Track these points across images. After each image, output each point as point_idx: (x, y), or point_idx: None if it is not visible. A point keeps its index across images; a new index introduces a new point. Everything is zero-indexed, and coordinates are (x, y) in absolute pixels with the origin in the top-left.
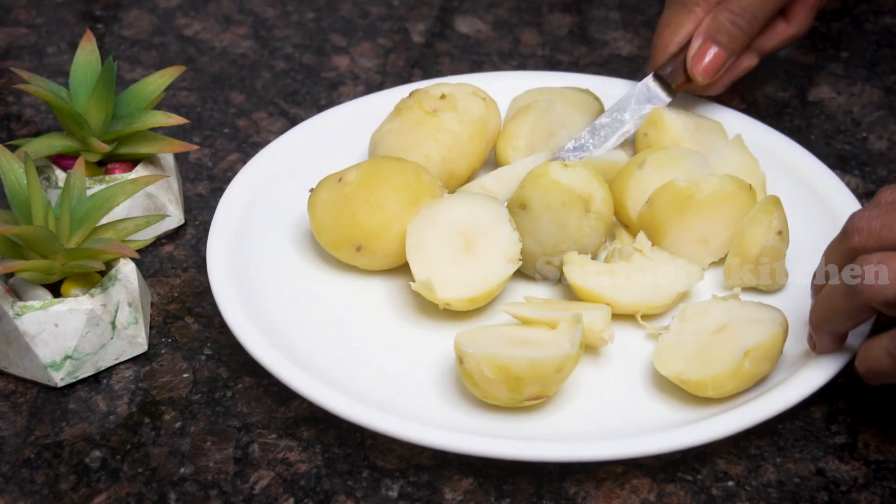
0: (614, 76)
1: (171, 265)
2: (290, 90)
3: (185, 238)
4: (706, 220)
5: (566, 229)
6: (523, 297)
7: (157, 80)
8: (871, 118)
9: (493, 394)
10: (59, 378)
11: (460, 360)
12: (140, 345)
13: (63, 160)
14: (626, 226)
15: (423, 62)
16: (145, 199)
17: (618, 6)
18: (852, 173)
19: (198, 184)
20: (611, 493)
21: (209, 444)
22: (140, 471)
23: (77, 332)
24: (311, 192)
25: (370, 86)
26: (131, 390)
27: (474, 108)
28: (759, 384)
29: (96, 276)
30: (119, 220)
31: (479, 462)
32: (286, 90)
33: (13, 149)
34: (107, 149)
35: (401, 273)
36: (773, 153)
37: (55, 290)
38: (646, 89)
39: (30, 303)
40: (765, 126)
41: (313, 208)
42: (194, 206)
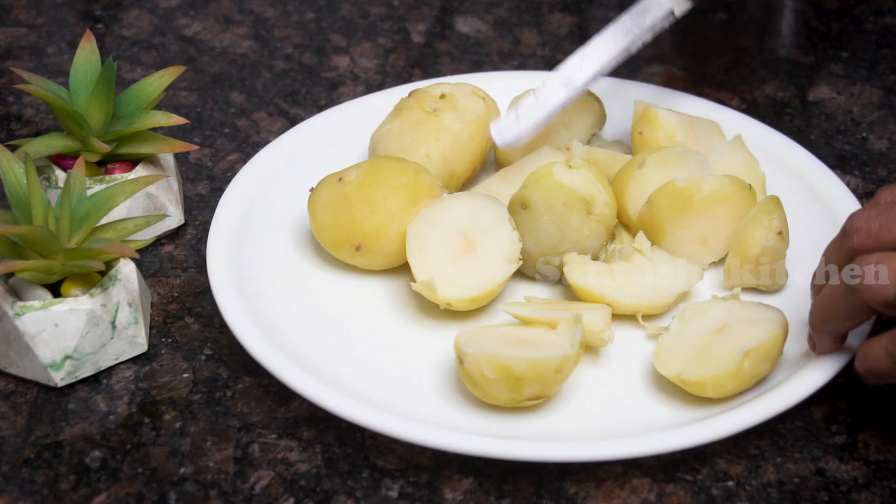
0: (614, 76)
1: (171, 265)
2: (290, 90)
3: (185, 238)
4: (706, 221)
5: (566, 230)
6: (523, 297)
7: (157, 80)
8: (871, 118)
9: (493, 394)
10: (59, 378)
11: (460, 361)
12: (140, 345)
13: (63, 160)
14: (626, 226)
15: (423, 62)
16: (145, 199)
17: (618, 6)
18: (852, 173)
19: (198, 184)
20: (611, 493)
21: (209, 444)
22: (140, 471)
23: (77, 332)
24: (312, 191)
25: (370, 86)
26: (131, 390)
27: (474, 108)
28: (759, 384)
29: (96, 276)
30: (119, 220)
31: (479, 462)
32: (286, 90)
33: (13, 149)
34: (107, 149)
35: (401, 273)
36: (773, 153)
37: (55, 290)
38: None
39: (30, 303)
40: (765, 126)
41: (313, 208)
42: (194, 206)
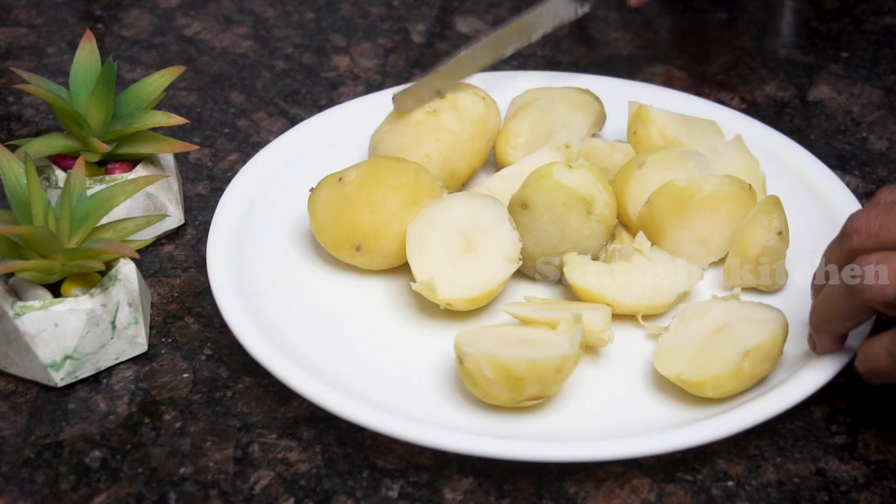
0: (614, 76)
1: (171, 265)
2: (290, 90)
3: (185, 238)
4: (706, 221)
5: (566, 230)
6: (524, 297)
7: (157, 80)
8: (871, 118)
9: (493, 394)
10: (59, 378)
11: (460, 361)
12: (140, 345)
13: (63, 160)
14: (626, 226)
15: (423, 62)
16: (145, 199)
17: (617, 6)
18: (852, 173)
19: (198, 184)
20: (611, 493)
21: (209, 444)
22: (140, 471)
23: (77, 332)
24: (311, 191)
25: (370, 86)
26: (131, 390)
27: (474, 108)
28: (759, 384)
29: (96, 276)
30: (119, 220)
31: (479, 462)
32: (286, 90)
33: (13, 149)
34: (107, 149)
35: (400, 273)
36: (773, 153)
37: (55, 290)
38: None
39: (30, 303)
40: (765, 126)
41: (313, 208)
42: (194, 206)
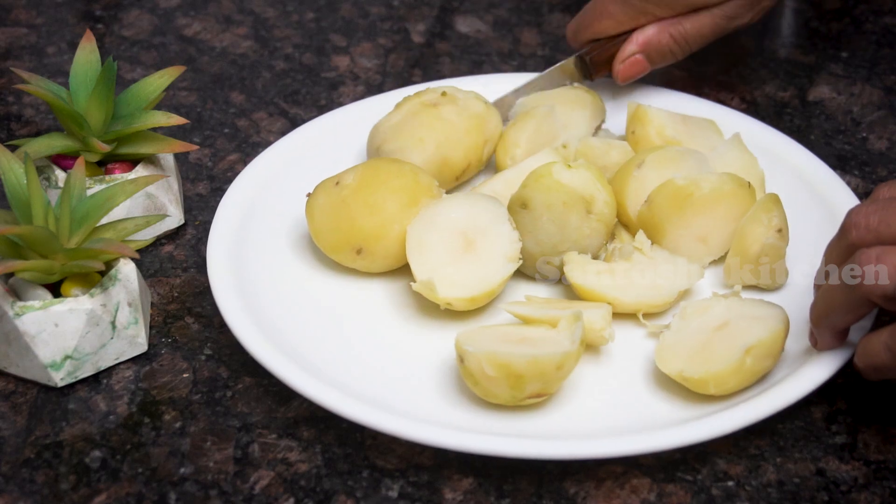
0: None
1: (171, 265)
2: (290, 90)
3: (185, 238)
4: (705, 219)
5: (566, 230)
6: (524, 297)
7: (157, 80)
8: (871, 118)
9: (494, 392)
10: (59, 378)
11: (461, 359)
12: (140, 345)
13: (63, 160)
14: (626, 225)
15: (423, 62)
16: (145, 199)
17: None
18: (852, 173)
19: (198, 184)
20: (611, 493)
21: (209, 444)
22: (140, 471)
23: (77, 332)
24: (308, 196)
25: (370, 86)
26: (131, 390)
27: (474, 106)
28: (760, 381)
29: (96, 276)
30: (119, 220)
31: (479, 462)
32: (286, 90)
33: (13, 149)
34: (107, 149)
35: (400, 273)
36: (773, 152)
37: (55, 290)
38: (565, 72)
39: (30, 303)
40: (765, 126)
41: (311, 213)
42: (194, 206)
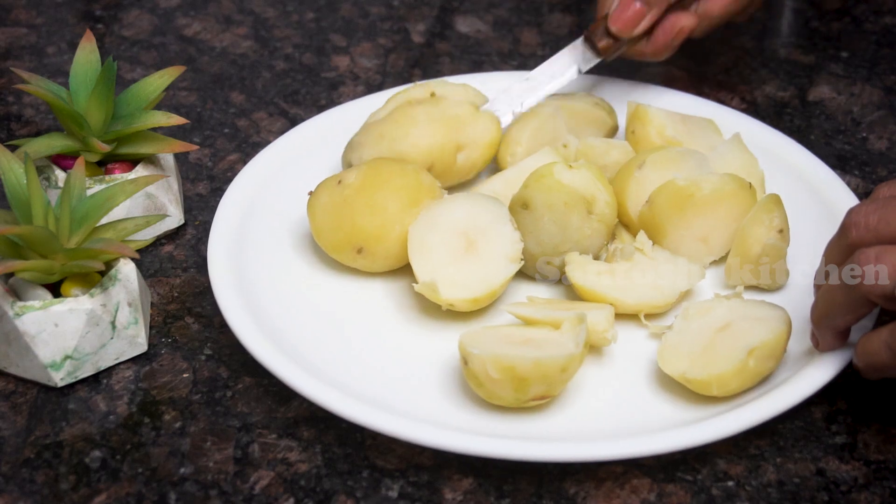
0: (614, 76)
1: (171, 265)
2: (290, 90)
3: (185, 238)
4: (706, 219)
5: (567, 230)
6: (525, 297)
7: (157, 80)
8: (871, 118)
9: (498, 394)
10: (59, 378)
11: (465, 361)
12: (140, 345)
13: (63, 160)
14: (627, 225)
15: (423, 62)
16: (145, 199)
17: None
18: (852, 173)
19: (198, 184)
20: (611, 493)
21: (209, 444)
22: (140, 471)
23: (77, 332)
24: (310, 195)
25: (370, 86)
26: (131, 390)
27: (456, 109)
28: (763, 382)
29: (96, 276)
30: (119, 220)
31: (479, 462)
32: (286, 90)
33: (13, 149)
34: (107, 149)
35: (401, 274)
36: (773, 152)
37: (55, 290)
38: (575, 51)
39: (30, 303)
40: (765, 126)
41: (313, 211)
42: (194, 206)
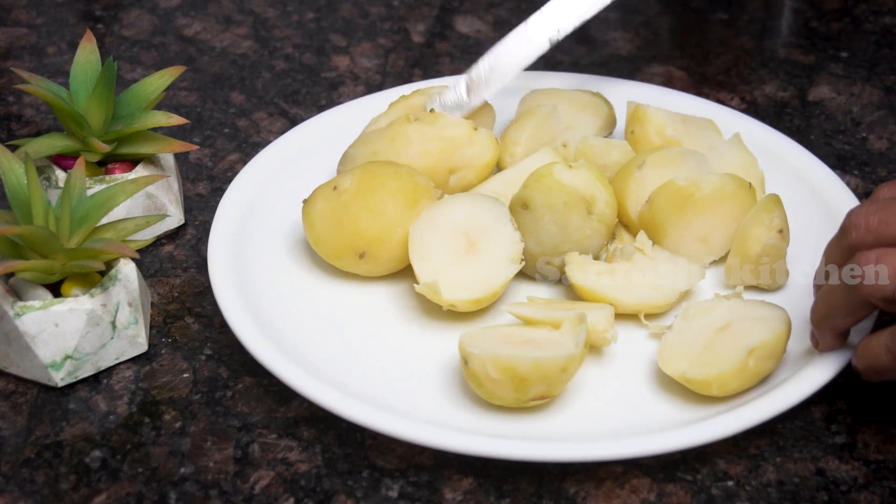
0: (614, 76)
1: (171, 265)
2: (290, 90)
3: (185, 238)
4: (706, 219)
5: (567, 230)
6: (525, 298)
7: (157, 80)
8: (870, 118)
9: (498, 394)
10: (60, 378)
11: (465, 361)
12: (140, 345)
13: (63, 160)
14: (627, 226)
15: (423, 62)
16: (145, 199)
17: (618, 6)
18: (852, 173)
19: (198, 184)
20: (611, 493)
21: (209, 444)
22: (140, 471)
23: (77, 332)
24: (305, 202)
25: (370, 86)
26: (131, 390)
27: (453, 130)
28: (763, 382)
29: (96, 276)
30: (119, 220)
31: (479, 462)
32: (286, 90)
33: (13, 149)
34: (107, 149)
35: (402, 274)
36: (773, 152)
37: (55, 290)
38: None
39: (30, 303)
40: (765, 126)
41: (310, 220)
42: (194, 206)
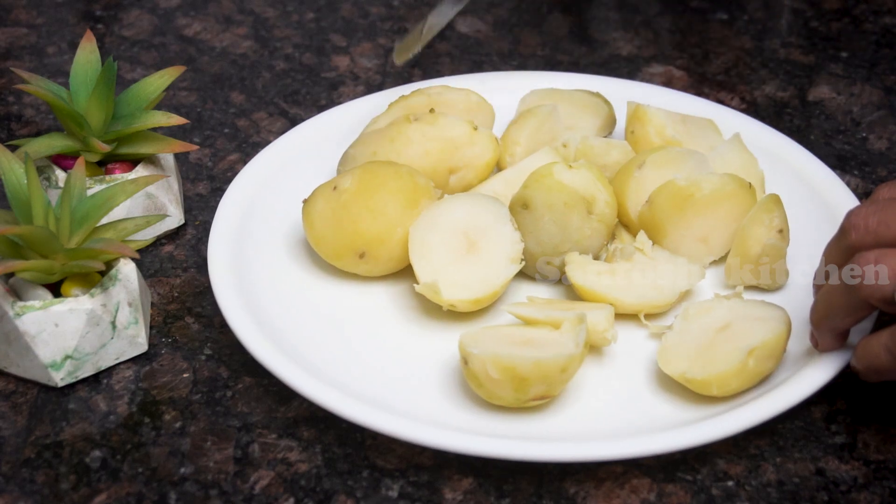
0: (614, 76)
1: (171, 265)
2: (290, 90)
3: (185, 238)
4: (706, 219)
5: (567, 230)
6: (526, 298)
7: (157, 80)
8: (870, 118)
9: (498, 394)
10: (60, 378)
11: (465, 361)
12: (140, 345)
13: (63, 160)
14: (627, 226)
15: (423, 62)
16: (145, 199)
17: (618, 6)
18: (852, 173)
19: (198, 184)
20: (611, 493)
21: (209, 444)
22: (140, 471)
23: (77, 331)
24: (305, 202)
25: (370, 86)
26: (131, 390)
27: (453, 130)
28: (762, 382)
29: (96, 276)
30: (119, 220)
31: (479, 462)
32: (286, 90)
33: (13, 149)
34: (107, 149)
35: (402, 274)
36: (773, 152)
37: (55, 290)
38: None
39: (30, 303)
40: (764, 125)
41: (310, 220)
42: (194, 206)
